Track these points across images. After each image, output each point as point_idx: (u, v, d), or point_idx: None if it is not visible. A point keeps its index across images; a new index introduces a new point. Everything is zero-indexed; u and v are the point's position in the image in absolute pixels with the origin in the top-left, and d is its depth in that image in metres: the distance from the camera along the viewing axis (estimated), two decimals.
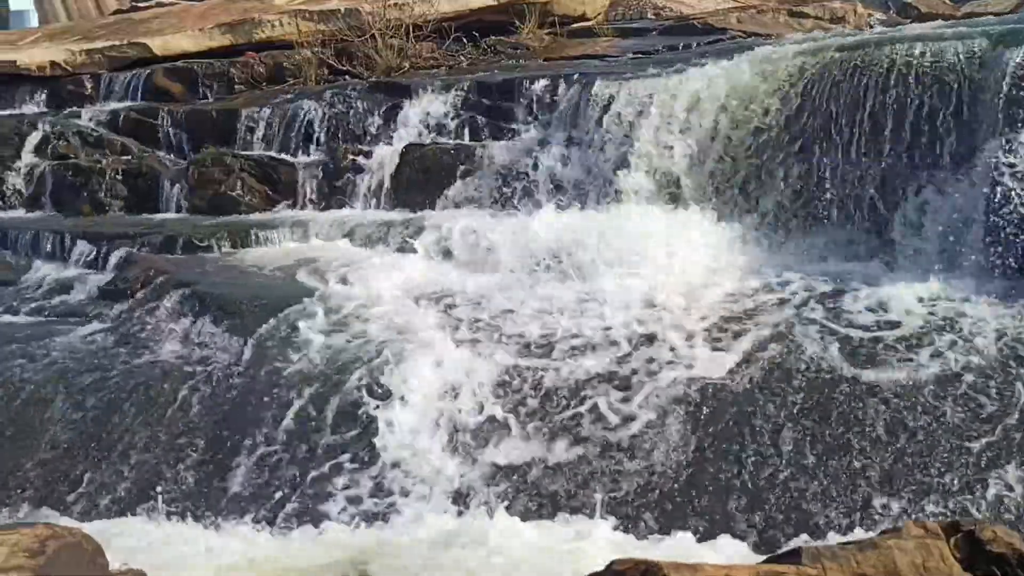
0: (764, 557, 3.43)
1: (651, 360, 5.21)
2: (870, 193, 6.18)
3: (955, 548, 3.12)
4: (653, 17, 12.17)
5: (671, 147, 6.86)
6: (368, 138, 8.33)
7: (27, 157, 9.04)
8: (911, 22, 11.18)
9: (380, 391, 5.17)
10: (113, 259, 7.38)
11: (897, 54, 6.33)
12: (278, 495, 4.84)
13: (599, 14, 11.44)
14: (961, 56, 6.09)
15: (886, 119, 6.19)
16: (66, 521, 4.49)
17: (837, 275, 5.92)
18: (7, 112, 9.93)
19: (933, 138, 6.04)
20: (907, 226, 6.01)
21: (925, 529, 3.17)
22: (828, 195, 6.30)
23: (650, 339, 5.38)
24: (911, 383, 4.80)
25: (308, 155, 8.41)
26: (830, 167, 6.33)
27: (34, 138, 9.12)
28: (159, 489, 5.00)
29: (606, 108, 7.25)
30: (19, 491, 5.10)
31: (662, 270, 6.18)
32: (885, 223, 6.10)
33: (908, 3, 14.00)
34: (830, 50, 6.77)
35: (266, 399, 5.33)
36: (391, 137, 8.24)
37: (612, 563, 2.98)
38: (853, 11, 11.93)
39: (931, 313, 5.30)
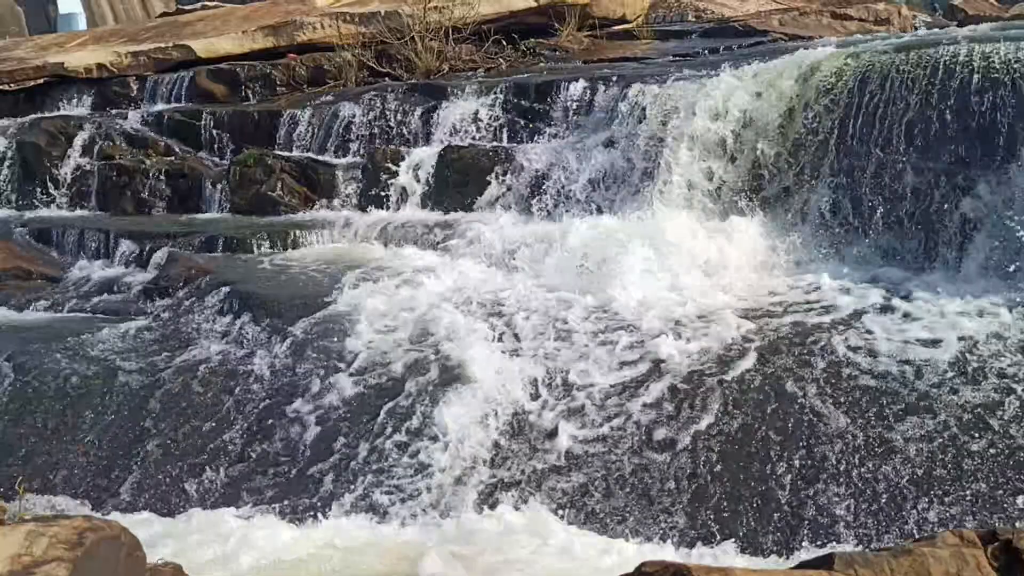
0: (797, 562, 3.40)
1: (687, 374, 5.18)
2: (923, 198, 6.08)
3: (992, 557, 3.07)
4: (694, 19, 12.11)
5: (710, 152, 6.82)
6: (407, 140, 8.39)
7: (74, 157, 9.21)
8: (958, 24, 11.02)
9: (419, 392, 5.20)
10: (156, 258, 7.48)
11: (947, 56, 6.24)
12: (316, 491, 4.89)
13: (639, 17, 11.40)
14: (1012, 58, 5.99)
15: (938, 121, 6.09)
16: (106, 513, 4.57)
17: (887, 282, 5.83)
18: (56, 113, 10.12)
19: (988, 141, 5.94)
20: (962, 232, 5.91)
21: (961, 537, 3.12)
22: (877, 200, 6.21)
23: (681, 358, 5.31)
24: (957, 391, 4.73)
25: (347, 156, 8.48)
26: (879, 171, 6.24)
27: (81, 138, 9.28)
28: (199, 482, 5.07)
29: (643, 111, 7.22)
30: (60, 483, 5.20)
31: (701, 277, 6.15)
32: (938, 229, 6.00)
33: (955, 5, 13.81)
34: (876, 52, 6.69)
35: (304, 397, 5.38)
36: (429, 139, 8.28)
37: (642, 565, 2.98)
38: (898, 13, 11.79)
39: (984, 321, 5.20)
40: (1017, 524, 4.02)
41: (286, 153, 8.65)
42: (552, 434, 4.93)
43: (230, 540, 4.53)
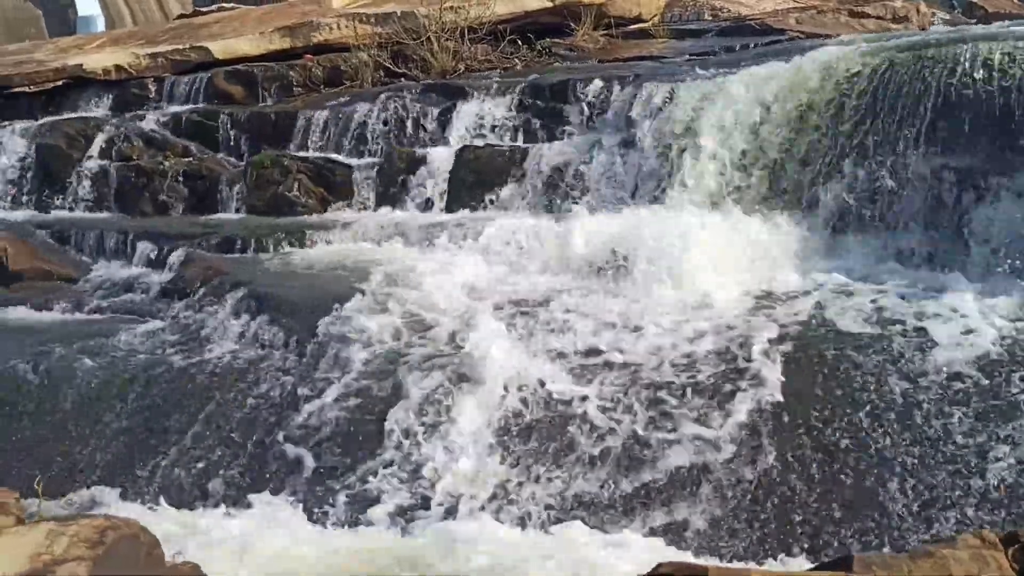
0: (813, 564, 3.39)
1: (707, 369, 5.16)
2: (941, 197, 6.04)
3: (1013, 559, 3.04)
4: (710, 18, 12.07)
5: (725, 149, 6.80)
6: (423, 140, 8.40)
7: (93, 158, 9.27)
8: (976, 22, 10.95)
9: (438, 393, 5.20)
10: (173, 259, 7.52)
11: (969, 53, 6.19)
12: (331, 491, 4.90)
13: (655, 16, 11.37)
14: None
15: (958, 119, 6.06)
16: (125, 512, 4.59)
17: (903, 283, 5.79)
18: (75, 115, 10.18)
19: (1010, 139, 5.89)
20: (980, 232, 5.87)
21: (982, 539, 3.09)
22: (894, 199, 6.17)
23: (704, 351, 5.30)
24: (976, 391, 4.70)
25: (364, 157, 8.50)
26: (896, 169, 6.21)
27: (100, 140, 9.34)
28: (215, 483, 5.09)
29: (659, 110, 7.22)
30: (80, 483, 5.24)
31: (718, 274, 6.13)
32: (956, 229, 5.96)
33: (974, 2, 13.72)
34: (895, 49, 6.66)
35: (321, 398, 5.39)
36: (446, 139, 8.29)
37: (659, 566, 2.97)
38: (916, 10, 11.72)
39: (1006, 321, 5.17)
40: None
41: (303, 154, 8.68)
42: (567, 433, 4.93)
43: (247, 540, 4.54)
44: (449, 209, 7.83)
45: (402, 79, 9.51)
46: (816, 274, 6.07)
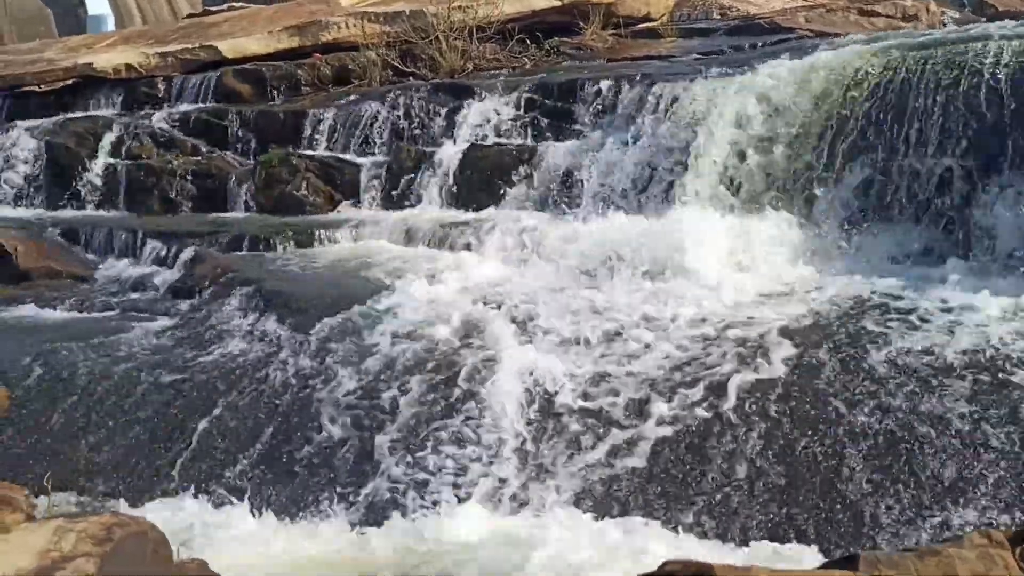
0: (820, 563, 3.38)
1: (716, 367, 5.16)
2: (947, 192, 6.03)
3: (1020, 558, 3.03)
4: (719, 17, 12.06)
5: (733, 149, 6.79)
6: (431, 139, 8.41)
7: (102, 157, 9.31)
8: (986, 20, 10.90)
9: (445, 392, 5.21)
10: (182, 257, 7.54)
11: (974, 51, 6.19)
12: (341, 490, 4.90)
13: (663, 15, 11.37)
14: None
15: (963, 116, 6.04)
16: (132, 510, 4.61)
17: (911, 279, 5.78)
18: (84, 114, 10.23)
19: (1014, 136, 5.88)
20: (986, 228, 5.86)
21: (989, 538, 3.08)
22: (901, 195, 6.16)
23: (711, 351, 5.30)
24: (978, 391, 4.68)
25: (372, 156, 8.51)
26: (903, 165, 6.20)
27: (109, 139, 9.38)
28: (224, 482, 5.10)
29: (668, 109, 7.21)
30: (88, 480, 5.26)
31: (726, 273, 6.13)
32: (962, 225, 5.94)
33: (984, 1, 13.65)
34: (902, 48, 6.65)
35: (329, 396, 5.40)
36: (454, 138, 8.30)
37: (664, 563, 2.95)
38: (926, 9, 11.69)
39: (1008, 320, 5.16)
40: None
41: (311, 152, 8.71)
42: (579, 432, 4.93)
43: (254, 538, 4.56)
44: (456, 208, 7.84)
45: (410, 78, 9.53)
46: (823, 272, 6.06)
